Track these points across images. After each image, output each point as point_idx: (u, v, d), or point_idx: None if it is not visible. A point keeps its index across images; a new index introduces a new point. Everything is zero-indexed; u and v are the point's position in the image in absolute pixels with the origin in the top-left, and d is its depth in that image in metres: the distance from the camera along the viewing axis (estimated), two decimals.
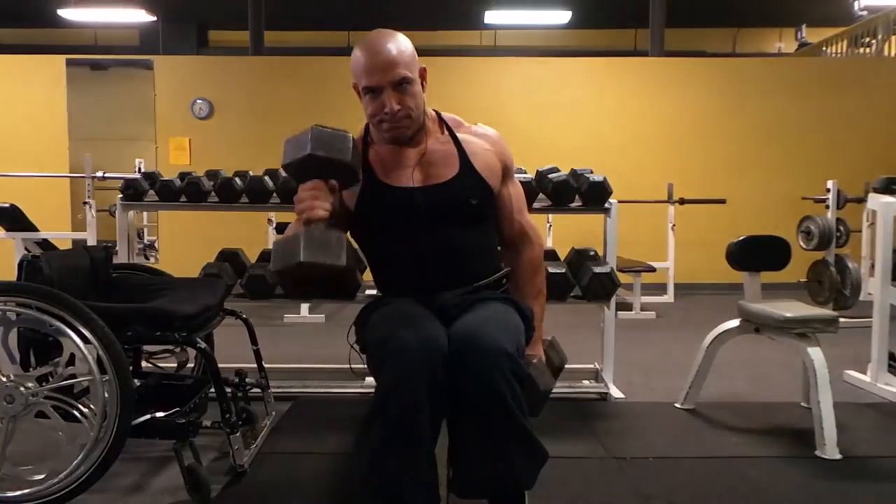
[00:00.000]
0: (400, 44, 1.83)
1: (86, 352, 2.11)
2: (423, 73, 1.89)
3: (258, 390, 2.88)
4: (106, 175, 5.33)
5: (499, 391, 1.60)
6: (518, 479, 1.69)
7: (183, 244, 6.37)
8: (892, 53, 8.70)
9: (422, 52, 1.92)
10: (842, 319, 2.97)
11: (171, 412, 2.34)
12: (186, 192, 3.41)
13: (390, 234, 1.92)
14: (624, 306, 5.51)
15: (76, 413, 2.16)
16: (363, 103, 1.87)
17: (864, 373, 3.58)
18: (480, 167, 1.93)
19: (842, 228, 5.11)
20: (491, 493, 1.73)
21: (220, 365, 2.41)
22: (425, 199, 1.88)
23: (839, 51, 9.46)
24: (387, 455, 1.62)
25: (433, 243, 1.88)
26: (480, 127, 2.02)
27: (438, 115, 2.00)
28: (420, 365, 1.62)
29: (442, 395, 1.63)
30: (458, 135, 1.96)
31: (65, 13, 8.82)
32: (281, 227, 5.47)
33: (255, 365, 2.89)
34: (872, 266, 4.22)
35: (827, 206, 5.03)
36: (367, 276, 2.03)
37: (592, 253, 3.50)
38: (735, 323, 3.13)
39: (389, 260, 1.96)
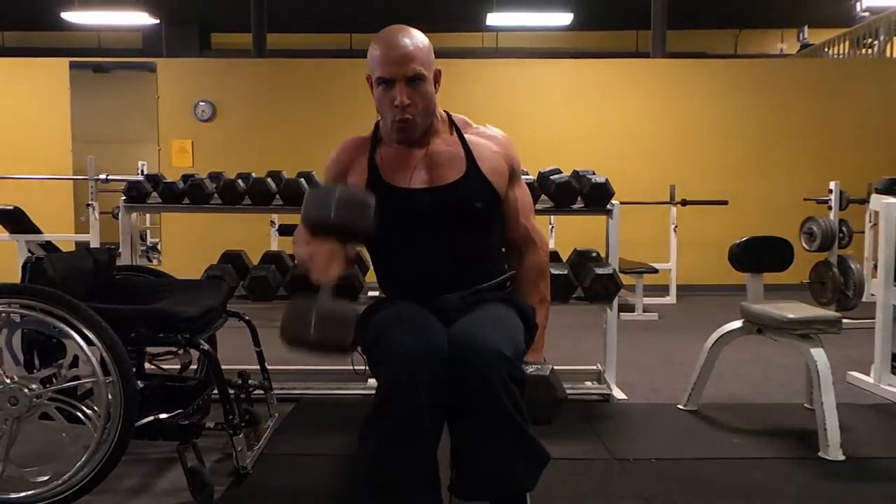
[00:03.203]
0: (417, 40, 1.83)
1: (89, 353, 2.12)
2: (437, 76, 1.88)
3: (261, 392, 2.88)
4: (109, 177, 5.34)
5: (496, 395, 1.60)
6: (518, 481, 1.69)
7: (186, 246, 6.38)
8: (894, 54, 8.70)
9: None
10: (844, 320, 2.96)
11: (174, 414, 2.34)
12: (189, 194, 3.42)
13: (393, 235, 1.91)
14: (626, 308, 5.50)
15: (80, 415, 2.17)
16: (374, 95, 1.87)
17: (868, 374, 3.57)
18: (487, 170, 1.91)
19: (844, 229, 5.11)
20: (492, 495, 1.72)
21: (222, 366, 2.42)
22: (429, 201, 1.87)
23: (841, 52, 9.47)
24: (387, 455, 1.62)
25: (436, 245, 1.87)
26: (489, 129, 2.00)
27: (449, 116, 1.99)
28: (420, 366, 1.61)
29: (442, 396, 1.63)
30: (466, 136, 1.95)
31: (68, 16, 8.86)
32: (283, 229, 5.47)
33: (257, 366, 2.89)
34: (875, 267, 4.22)
35: (829, 207, 5.04)
36: (370, 276, 2.03)
37: (594, 254, 3.50)
38: (738, 324, 3.12)
39: (392, 261, 1.96)
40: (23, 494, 2.14)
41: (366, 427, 1.66)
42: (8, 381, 2.17)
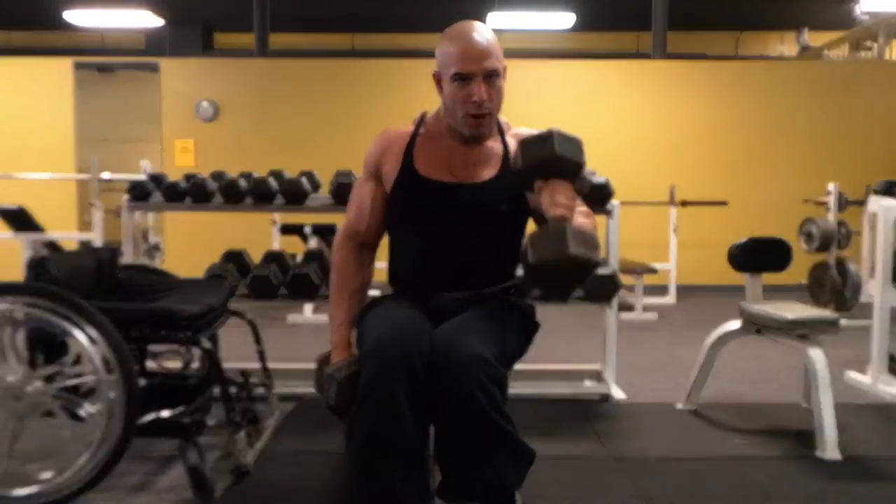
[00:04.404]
0: (492, 37, 1.86)
1: (92, 351, 2.13)
2: (504, 72, 1.90)
3: (262, 390, 2.90)
4: (112, 177, 5.37)
5: (475, 399, 1.60)
6: (503, 482, 1.70)
7: (188, 245, 6.39)
8: (893, 57, 8.71)
9: (425, 54, 1.93)
10: (842, 321, 2.98)
11: (175, 412, 2.35)
12: (192, 194, 3.44)
13: (413, 224, 1.93)
14: (626, 307, 5.51)
15: (82, 412, 2.18)
16: (447, 91, 1.87)
17: (865, 374, 3.59)
18: None
19: (843, 231, 5.13)
20: (477, 497, 1.72)
21: (224, 365, 2.44)
22: (457, 197, 1.89)
23: (840, 54, 9.47)
24: (371, 451, 1.65)
25: (450, 242, 1.88)
26: (525, 130, 1.98)
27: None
28: (396, 361, 1.63)
29: (425, 395, 1.65)
30: (507, 137, 1.97)
31: (72, 16, 8.88)
32: (285, 229, 5.49)
33: (259, 365, 2.91)
34: (873, 268, 4.23)
35: (828, 209, 5.05)
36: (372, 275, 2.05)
37: None
38: (736, 324, 3.14)
39: (404, 250, 1.97)
40: (25, 491, 2.16)
41: (352, 419, 1.69)
42: (11, 378, 2.19)
